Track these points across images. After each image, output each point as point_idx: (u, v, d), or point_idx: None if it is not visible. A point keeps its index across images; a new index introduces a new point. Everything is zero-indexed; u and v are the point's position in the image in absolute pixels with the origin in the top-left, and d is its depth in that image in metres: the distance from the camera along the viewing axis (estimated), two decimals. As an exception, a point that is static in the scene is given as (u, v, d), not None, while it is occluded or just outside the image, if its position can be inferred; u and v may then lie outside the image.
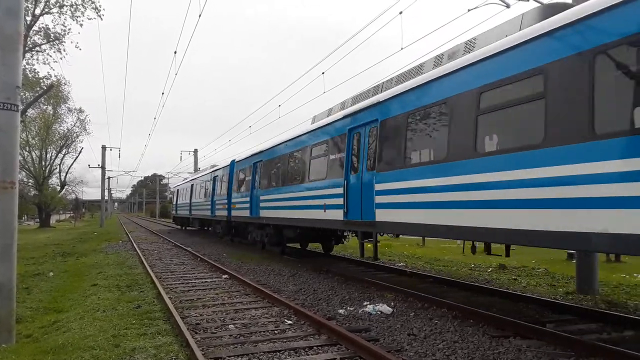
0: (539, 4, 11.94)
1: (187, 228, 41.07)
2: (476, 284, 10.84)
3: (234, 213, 21.71)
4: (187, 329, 7.04)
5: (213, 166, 29.21)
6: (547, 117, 5.89)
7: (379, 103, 9.97)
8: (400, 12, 15.53)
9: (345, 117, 11.49)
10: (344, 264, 15.26)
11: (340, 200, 11.15)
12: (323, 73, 20.84)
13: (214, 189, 26.48)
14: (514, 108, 6.55)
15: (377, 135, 9.84)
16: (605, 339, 6.52)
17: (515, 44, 6.57)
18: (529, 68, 6.24)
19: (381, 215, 9.45)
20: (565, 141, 5.60)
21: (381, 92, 10.49)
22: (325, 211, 11.96)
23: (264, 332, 7.14)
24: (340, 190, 11.19)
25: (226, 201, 22.96)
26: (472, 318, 7.77)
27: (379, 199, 9.53)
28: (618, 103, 5.26)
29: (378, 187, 9.56)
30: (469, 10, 13.96)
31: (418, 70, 9.54)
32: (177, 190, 42.10)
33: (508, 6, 13.64)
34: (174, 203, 42.59)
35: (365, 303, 9.08)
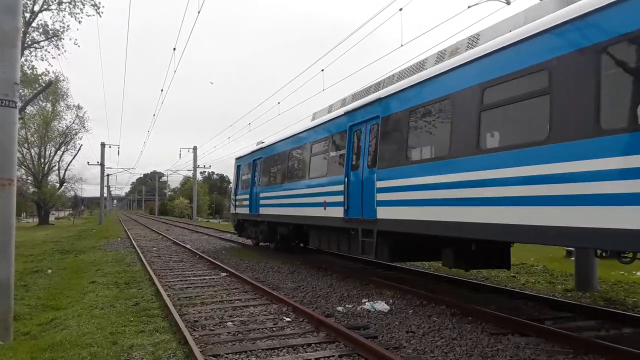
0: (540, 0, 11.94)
1: (261, 244, 19.96)
2: (475, 281, 10.84)
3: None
4: (186, 326, 7.04)
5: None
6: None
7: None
8: (400, 9, 15.51)
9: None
10: (346, 261, 15.23)
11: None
12: (322, 70, 20.85)
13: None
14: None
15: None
16: (604, 337, 6.52)
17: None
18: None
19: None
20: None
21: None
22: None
23: (262, 329, 7.13)
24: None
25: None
26: (471, 315, 7.76)
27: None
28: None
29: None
30: (469, 7, 13.96)
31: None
32: (256, 162, 18.47)
33: (508, 3, 13.63)
34: (236, 192, 21.33)
35: (363, 300, 9.07)
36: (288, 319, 7.71)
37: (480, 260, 8.71)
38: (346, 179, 10.77)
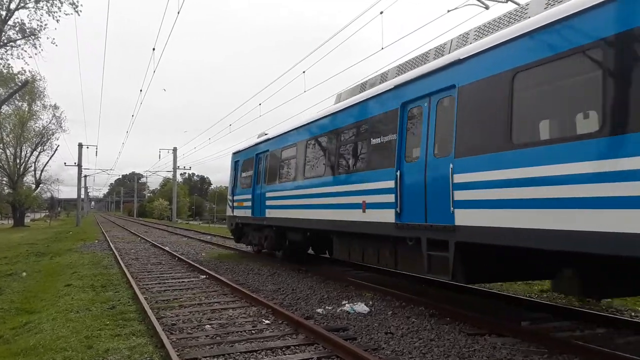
0: (517, 5, 12.13)
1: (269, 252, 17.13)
2: (453, 283, 10.92)
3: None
4: (163, 329, 6.95)
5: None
6: None
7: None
8: (381, 12, 15.62)
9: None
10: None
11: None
12: (304, 72, 20.86)
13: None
14: None
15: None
16: (578, 337, 6.63)
17: None
18: None
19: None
20: None
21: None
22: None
23: (241, 332, 7.08)
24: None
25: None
26: (449, 316, 7.83)
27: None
28: None
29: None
30: (448, 11, 14.12)
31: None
32: (261, 156, 15.98)
33: (487, 7, 13.83)
34: (233, 191, 18.56)
35: (343, 302, 9.08)
36: (267, 322, 7.67)
37: (619, 285, 6.29)
38: (398, 173, 8.21)
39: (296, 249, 14.84)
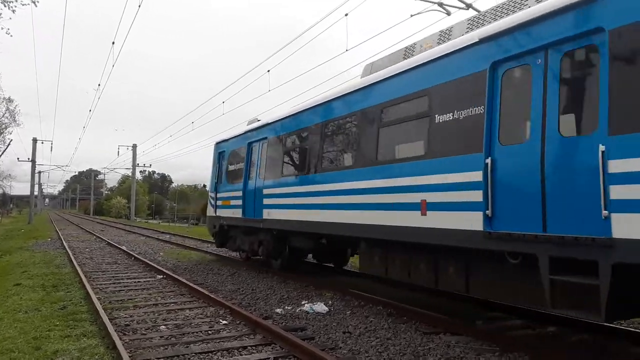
0: (477, 12, 12.44)
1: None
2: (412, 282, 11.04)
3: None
4: (115, 330, 6.76)
5: None
6: None
7: None
8: (346, 14, 15.73)
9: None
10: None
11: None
12: (269, 71, 20.74)
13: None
14: None
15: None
16: (529, 335, 6.85)
17: None
18: None
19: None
20: None
21: None
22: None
23: (197, 332, 6.96)
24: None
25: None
26: (406, 315, 7.94)
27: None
28: None
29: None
30: (411, 16, 14.35)
31: None
32: (255, 145, 13.36)
33: (449, 13, 14.12)
34: (216, 187, 15.80)
35: (303, 302, 9.07)
36: (225, 322, 7.57)
37: None
38: (489, 161, 5.92)
39: (298, 257, 12.88)
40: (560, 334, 6.93)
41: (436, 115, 6.84)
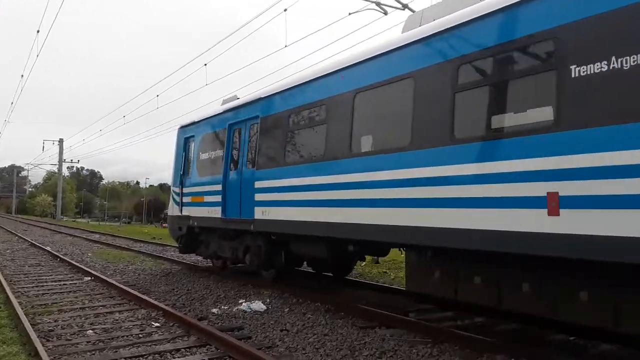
0: (411, 12, 12.75)
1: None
2: (349, 278, 11.23)
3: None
4: (38, 336, 6.36)
5: None
6: None
7: None
8: (285, 10, 15.64)
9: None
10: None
11: None
12: (205, 65, 20.26)
13: None
14: None
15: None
16: (459, 326, 7.13)
17: None
18: None
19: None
20: None
21: None
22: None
23: (127, 336, 6.66)
24: None
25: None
26: (343, 311, 8.02)
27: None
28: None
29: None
30: (349, 14, 14.50)
31: None
32: (238, 128, 10.83)
33: (386, 13, 14.40)
34: (181, 180, 13.07)
35: (240, 301, 8.93)
36: (157, 324, 7.31)
37: None
38: None
39: (296, 266, 11.10)
40: (487, 324, 7.27)
41: (574, 66, 4.74)
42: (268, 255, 9.98)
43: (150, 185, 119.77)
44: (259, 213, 9.37)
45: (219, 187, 10.93)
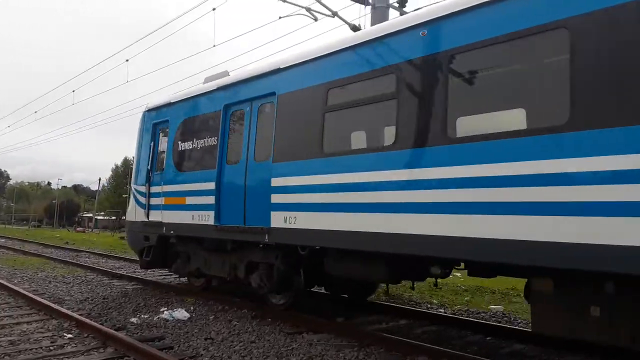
0: (344, 22, 12.97)
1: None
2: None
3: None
4: None
5: None
6: None
7: None
8: (214, 9, 15.32)
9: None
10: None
11: None
12: (127, 60, 19.35)
13: None
14: None
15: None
16: (384, 329, 7.30)
17: None
18: None
19: None
20: None
21: None
22: None
23: (36, 349, 6.14)
24: None
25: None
26: (271, 317, 7.92)
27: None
28: None
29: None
30: (280, 18, 14.47)
31: None
32: (238, 110, 8.55)
33: (316, 19, 14.53)
34: (148, 177, 10.44)
35: (162, 309, 8.55)
36: (70, 336, 6.80)
37: None
38: None
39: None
40: (409, 326, 7.50)
41: None
42: (285, 274, 7.81)
43: (63, 187, 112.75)
44: (278, 220, 7.17)
45: (210, 186, 8.61)
